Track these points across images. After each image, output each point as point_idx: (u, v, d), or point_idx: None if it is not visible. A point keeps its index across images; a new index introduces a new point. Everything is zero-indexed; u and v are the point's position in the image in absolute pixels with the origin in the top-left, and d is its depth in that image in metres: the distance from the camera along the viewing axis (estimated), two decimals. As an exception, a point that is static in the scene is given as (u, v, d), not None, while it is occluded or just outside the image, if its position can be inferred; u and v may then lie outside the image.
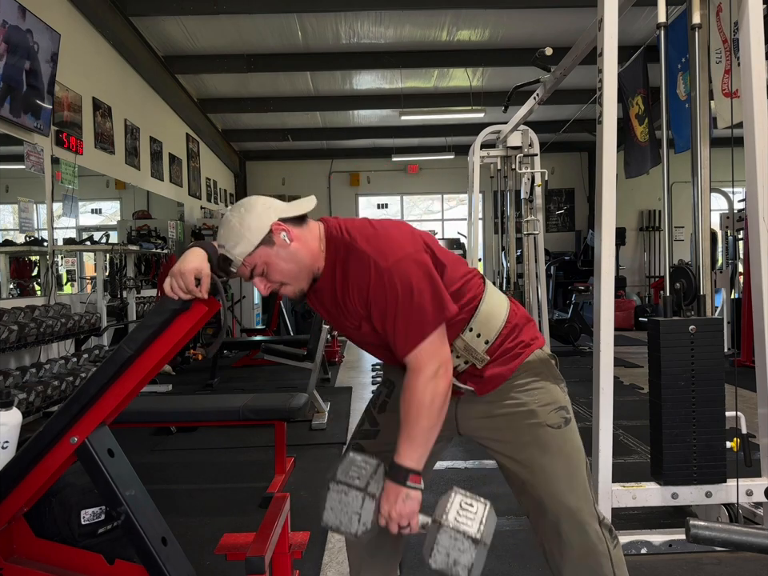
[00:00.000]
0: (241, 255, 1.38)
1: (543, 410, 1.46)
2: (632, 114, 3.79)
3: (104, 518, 2.32)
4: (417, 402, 1.31)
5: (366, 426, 1.61)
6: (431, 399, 1.31)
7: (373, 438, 1.58)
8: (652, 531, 2.38)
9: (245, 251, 1.38)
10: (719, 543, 0.97)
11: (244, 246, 1.37)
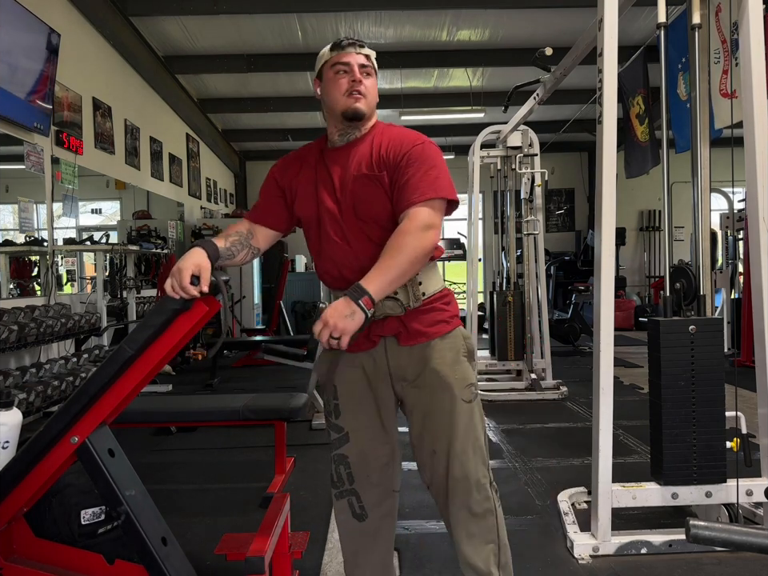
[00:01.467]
0: (369, 51, 1.63)
1: (460, 385, 1.60)
2: (632, 113, 3.79)
3: (104, 517, 2.32)
4: (402, 241, 1.44)
5: (335, 435, 1.67)
6: (415, 245, 1.43)
7: (347, 442, 1.65)
8: (652, 531, 2.38)
9: (371, 54, 1.63)
10: (719, 543, 0.98)
11: (370, 55, 1.63)
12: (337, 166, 1.61)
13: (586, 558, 2.28)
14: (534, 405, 4.82)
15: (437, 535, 2.45)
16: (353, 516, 1.65)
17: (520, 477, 3.17)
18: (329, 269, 1.64)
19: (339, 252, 1.59)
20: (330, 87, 1.63)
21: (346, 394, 1.65)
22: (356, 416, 1.63)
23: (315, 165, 1.65)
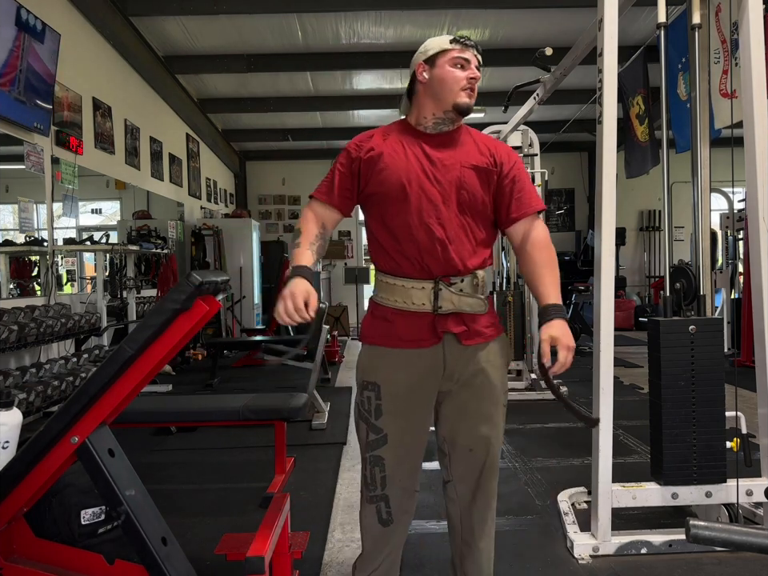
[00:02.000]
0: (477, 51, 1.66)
1: (503, 389, 1.67)
2: (632, 113, 3.79)
3: (104, 518, 2.32)
4: (553, 254, 1.62)
5: (373, 437, 1.62)
6: (555, 257, 1.63)
7: (385, 443, 1.61)
8: (652, 531, 2.38)
9: (413, 64, 1.73)
10: (719, 543, 0.98)
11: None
12: (436, 151, 1.60)
13: (586, 558, 2.28)
14: (533, 405, 4.82)
15: (437, 535, 2.45)
16: (378, 522, 1.64)
17: (520, 477, 3.17)
18: (411, 253, 1.57)
19: (428, 239, 1.55)
20: (447, 76, 1.60)
21: (391, 395, 1.59)
22: (398, 418, 1.60)
23: (403, 142, 1.62)
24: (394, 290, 1.58)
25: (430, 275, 1.55)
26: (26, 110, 4.32)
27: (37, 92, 4.42)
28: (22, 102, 4.26)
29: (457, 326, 1.57)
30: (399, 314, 1.57)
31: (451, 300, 1.55)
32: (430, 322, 1.56)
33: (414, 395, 1.59)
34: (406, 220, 1.56)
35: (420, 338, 1.56)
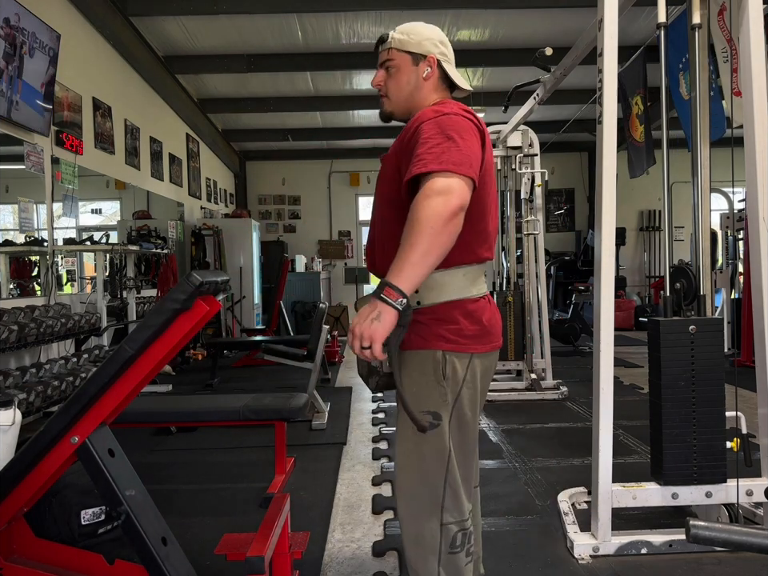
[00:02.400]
0: (393, 42, 1.59)
1: (416, 406, 1.44)
2: (633, 113, 3.79)
3: (104, 518, 2.32)
4: (413, 218, 1.26)
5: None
6: (428, 216, 1.24)
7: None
8: (652, 531, 2.38)
9: (398, 44, 1.58)
10: (719, 543, 0.97)
11: (403, 42, 1.58)
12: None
13: (586, 558, 2.28)
14: (534, 405, 4.82)
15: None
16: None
17: (520, 477, 3.17)
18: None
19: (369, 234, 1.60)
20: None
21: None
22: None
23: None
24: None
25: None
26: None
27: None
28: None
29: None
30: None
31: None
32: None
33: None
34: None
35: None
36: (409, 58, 1.57)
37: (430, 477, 1.49)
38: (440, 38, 1.60)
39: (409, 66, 1.57)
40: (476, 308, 1.49)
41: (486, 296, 1.55)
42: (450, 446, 1.48)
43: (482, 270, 1.56)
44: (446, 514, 1.49)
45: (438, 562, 1.48)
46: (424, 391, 1.47)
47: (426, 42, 1.57)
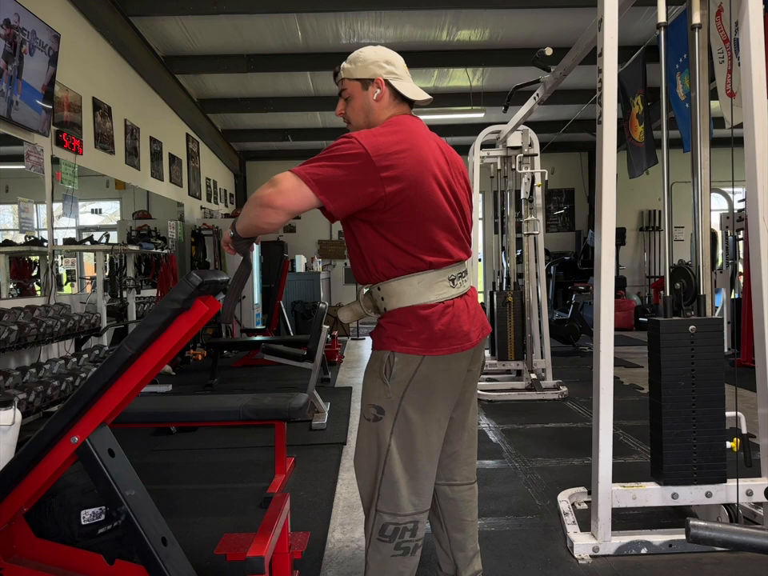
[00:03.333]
0: (343, 73, 1.70)
1: (366, 400, 1.65)
2: (633, 113, 3.79)
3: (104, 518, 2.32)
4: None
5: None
6: (254, 197, 1.50)
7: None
8: (652, 531, 2.38)
9: (347, 74, 1.69)
10: (719, 543, 0.97)
11: (351, 71, 1.69)
12: None
13: (586, 558, 2.28)
14: (534, 405, 4.82)
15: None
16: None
17: (520, 477, 3.17)
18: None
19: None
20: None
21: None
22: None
23: None
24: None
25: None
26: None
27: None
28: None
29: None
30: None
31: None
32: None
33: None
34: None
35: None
36: (359, 85, 1.68)
37: (371, 464, 1.64)
38: (386, 57, 1.70)
39: (360, 92, 1.68)
40: (431, 313, 1.57)
41: (447, 301, 1.60)
42: (389, 442, 1.60)
43: (442, 275, 1.60)
44: (380, 503, 1.62)
45: (368, 541, 1.65)
46: (372, 386, 1.63)
47: (371, 65, 1.67)
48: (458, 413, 1.76)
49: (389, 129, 1.57)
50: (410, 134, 1.58)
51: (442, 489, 1.82)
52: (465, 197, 1.72)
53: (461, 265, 1.67)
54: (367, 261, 1.61)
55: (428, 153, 1.58)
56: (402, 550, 1.62)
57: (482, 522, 2.60)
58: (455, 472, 1.82)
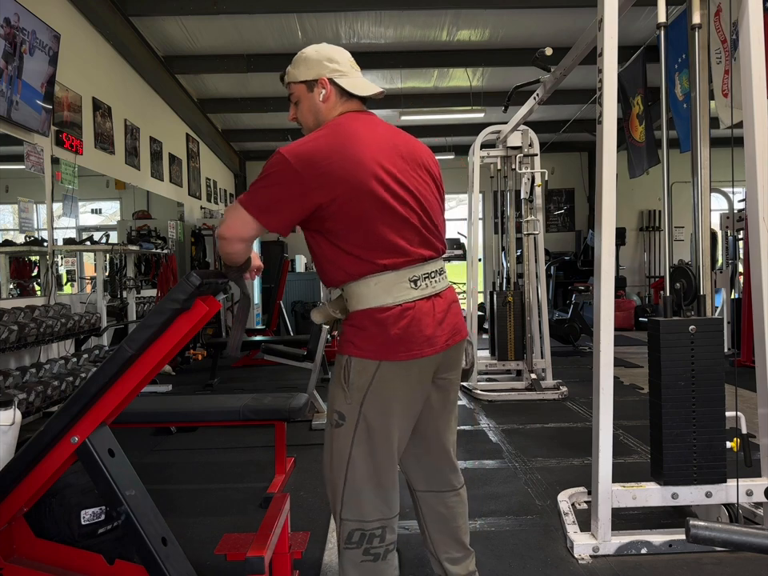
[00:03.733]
0: (289, 77, 1.68)
1: (330, 405, 1.62)
2: (634, 113, 3.79)
3: (104, 518, 2.32)
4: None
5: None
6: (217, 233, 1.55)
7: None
8: (652, 531, 2.38)
9: (292, 78, 1.67)
10: (719, 543, 0.97)
11: (295, 74, 1.66)
12: None
13: (586, 558, 2.28)
14: (534, 405, 4.82)
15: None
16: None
17: (520, 477, 3.17)
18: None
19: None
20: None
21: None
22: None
23: None
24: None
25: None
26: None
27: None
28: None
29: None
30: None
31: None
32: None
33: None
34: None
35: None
36: (304, 87, 1.65)
37: (335, 471, 1.60)
38: (328, 55, 1.65)
39: (306, 94, 1.66)
40: (387, 316, 1.51)
41: (406, 303, 1.53)
42: (350, 449, 1.57)
43: (402, 276, 1.53)
44: (345, 510, 1.59)
45: (339, 551, 1.63)
46: (334, 391, 1.60)
47: (314, 66, 1.64)
48: (433, 425, 1.72)
49: (319, 134, 1.54)
50: (342, 137, 1.52)
51: (425, 497, 1.80)
52: (430, 190, 1.65)
53: (428, 264, 1.59)
54: (325, 268, 1.60)
55: (365, 153, 1.50)
56: (371, 555, 1.59)
57: (482, 522, 2.61)
58: (437, 479, 1.79)
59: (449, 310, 1.63)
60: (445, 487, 1.80)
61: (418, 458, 1.76)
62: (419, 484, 1.80)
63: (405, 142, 1.65)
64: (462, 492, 1.83)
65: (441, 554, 1.81)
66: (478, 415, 4.50)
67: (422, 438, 1.73)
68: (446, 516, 1.79)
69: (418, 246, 1.57)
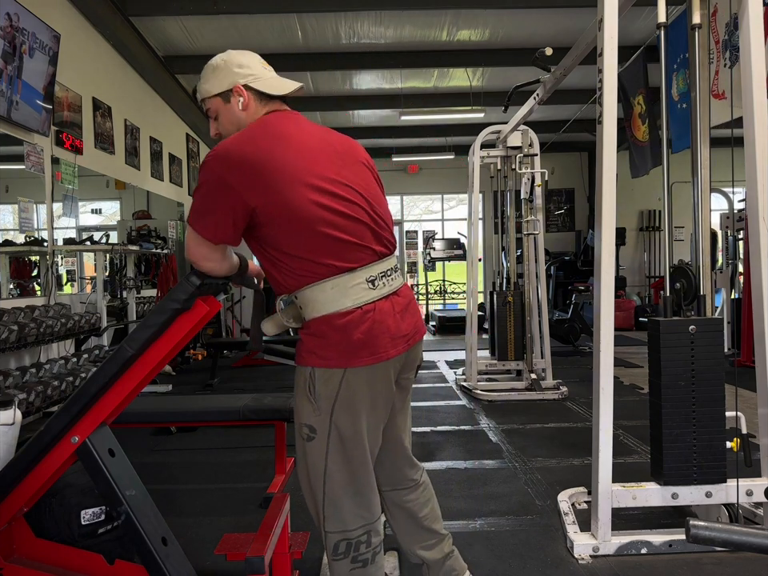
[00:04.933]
0: (201, 93, 1.60)
1: (298, 419, 1.57)
2: (635, 113, 3.79)
3: (104, 518, 2.32)
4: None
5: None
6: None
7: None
8: (652, 531, 2.38)
9: (205, 93, 1.59)
10: (719, 543, 0.97)
11: (207, 89, 1.59)
12: None
13: (586, 558, 2.28)
14: (533, 405, 4.82)
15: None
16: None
17: (520, 477, 3.17)
18: None
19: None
20: None
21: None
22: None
23: None
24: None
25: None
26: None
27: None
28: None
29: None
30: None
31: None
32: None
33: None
34: None
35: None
36: (219, 100, 1.58)
37: (311, 484, 1.57)
38: (237, 61, 1.58)
39: (224, 107, 1.58)
40: (348, 321, 1.45)
41: (366, 305, 1.47)
42: (326, 462, 1.53)
43: (358, 277, 1.47)
44: (327, 523, 1.56)
45: (329, 566, 1.61)
46: (301, 405, 1.54)
47: (225, 76, 1.56)
48: (392, 423, 1.70)
49: (247, 134, 1.46)
50: (271, 138, 1.46)
51: (390, 495, 1.81)
52: (373, 186, 1.60)
53: (383, 262, 1.52)
54: (274, 275, 1.53)
55: (293, 155, 1.44)
56: (360, 562, 1.57)
57: (482, 522, 2.61)
58: (398, 477, 1.80)
59: (408, 309, 1.58)
60: (406, 483, 1.81)
61: (379, 458, 1.71)
62: (383, 484, 1.79)
63: (339, 139, 1.60)
64: (423, 482, 1.85)
65: (414, 546, 1.83)
66: (478, 415, 4.50)
67: (384, 439, 1.69)
68: (412, 509, 1.81)
69: (370, 242, 1.51)
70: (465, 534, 2.48)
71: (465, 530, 2.52)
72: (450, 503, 2.79)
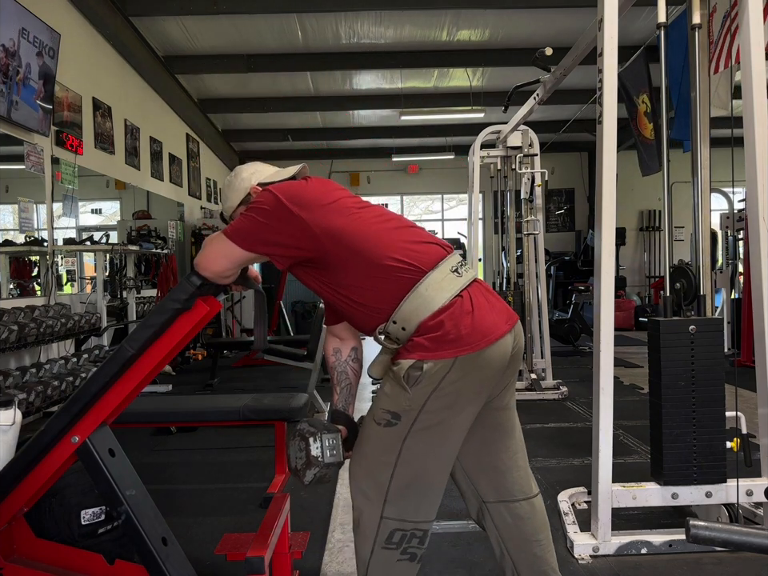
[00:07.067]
0: (227, 211, 1.74)
1: (379, 405, 1.54)
2: (640, 112, 3.79)
3: (104, 518, 2.32)
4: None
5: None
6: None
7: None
8: (652, 531, 2.38)
9: (229, 209, 1.73)
10: (719, 543, 0.97)
11: (230, 205, 1.72)
12: None
13: (586, 558, 2.28)
14: (533, 405, 4.82)
15: (437, 535, 2.45)
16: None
17: (520, 477, 3.16)
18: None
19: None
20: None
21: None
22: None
23: None
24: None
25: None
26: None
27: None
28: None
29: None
30: None
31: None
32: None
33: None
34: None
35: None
36: (242, 208, 1.66)
37: (378, 469, 1.53)
38: (243, 173, 1.71)
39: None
40: (452, 311, 1.45)
41: (461, 292, 1.48)
42: (401, 448, 1.50)
43: (444, 270, 1.50)
44: (388, 507, 1.52)
45: (371, 550, 1.54)
46: (392, 392, 1.51)
47: (240, 185, 1.70)
48: (496, 418, 1.65)
49: (294, 183, 1.64)
50: (314, 187, 1.61)
51: (495, 507, 1.70)
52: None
53: (453, 255, 1.56)
54: (367, 304, 1.53)
55: (330, 184, 1.64)
56: (408, 555, 1.54)
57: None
58: (506, 487, 1.71)
59: (492, 291, 1.59)
60: (521, 495, 1.74)
61: (488, 459, 1.71)
62: (491, 493, 1.71)
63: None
64: (534, 501, 1.77)
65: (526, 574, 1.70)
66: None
67: (497, 437, 1.69)
68: (526, 529, 1.71)
69: (434, 239, 1.60)
70: (465, 534, 2.48)
71: (465, 530, 2.52)
72: (451, 503, 2.79)
